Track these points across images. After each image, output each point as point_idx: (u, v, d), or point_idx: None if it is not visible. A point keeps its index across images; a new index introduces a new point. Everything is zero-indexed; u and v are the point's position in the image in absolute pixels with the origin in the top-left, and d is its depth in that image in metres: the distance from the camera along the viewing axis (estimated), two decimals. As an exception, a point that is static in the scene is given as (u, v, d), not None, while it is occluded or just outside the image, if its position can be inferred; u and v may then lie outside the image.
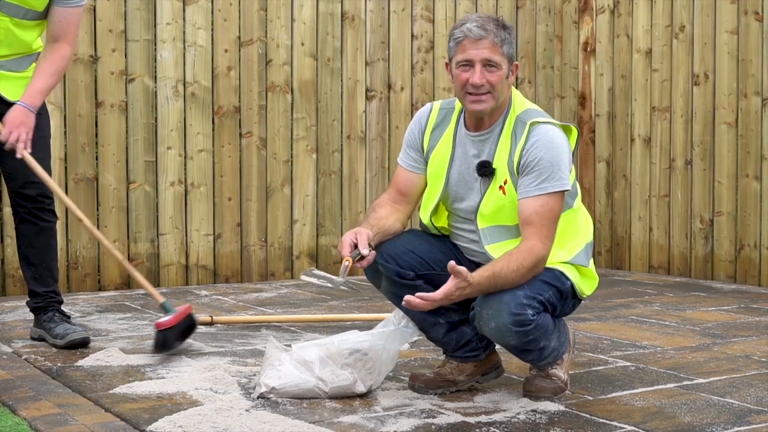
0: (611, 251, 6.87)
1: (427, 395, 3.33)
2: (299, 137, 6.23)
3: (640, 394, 3.36)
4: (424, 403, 3.24)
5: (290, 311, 5.04)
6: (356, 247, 3.11)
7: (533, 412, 3.13)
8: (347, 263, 3.09)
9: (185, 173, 5.92)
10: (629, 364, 3.81)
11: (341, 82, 6.37)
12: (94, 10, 5.62)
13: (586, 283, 3.35)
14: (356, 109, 6.40)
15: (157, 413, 3.07)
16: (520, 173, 3.19)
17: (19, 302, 5.20)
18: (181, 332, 3.88)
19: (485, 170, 3.24)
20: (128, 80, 5.76)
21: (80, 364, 3.77)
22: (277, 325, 4.61)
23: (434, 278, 3.30)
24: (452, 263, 2.98)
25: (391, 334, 3.29)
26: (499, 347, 3.36)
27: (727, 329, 4.55)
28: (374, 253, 3.16)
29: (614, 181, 6.83)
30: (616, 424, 3.01)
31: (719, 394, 3.36)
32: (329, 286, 3.16)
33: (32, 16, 4.02)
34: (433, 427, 2.98)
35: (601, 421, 3.04)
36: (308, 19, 6.23)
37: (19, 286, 5.49)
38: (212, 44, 5.99)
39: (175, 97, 5.87)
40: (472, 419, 3.05)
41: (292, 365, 3.27)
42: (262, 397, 3.25)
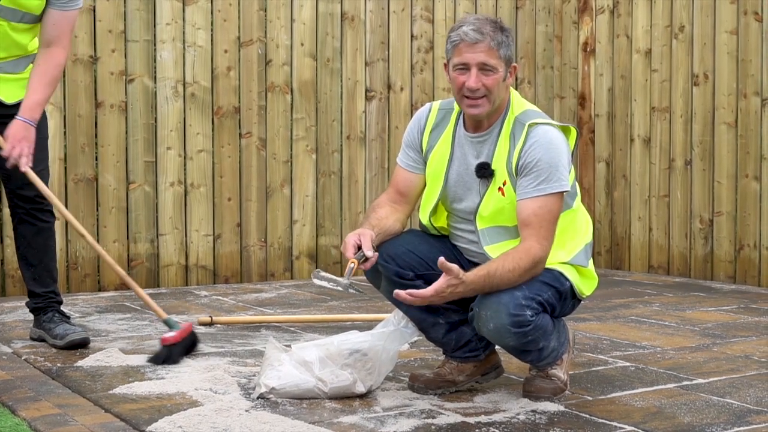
0: (611, 251, 6.87)
1: (426, 395, 3.33)
2: (299, 137, 6.23)
3: (639, 394, 3.36)
4: (423, 403, 3.24)
5: (290, 312, 5.04)
6: (360, 248, 3.11)
7: (533, 412, 3.13)
8: (352, 265, 3.09)
9: (185, 173, 5.92)
10: (629, 364, 3.82)
11: (341, 82, 6.37)
12: (93, 10, 5.62)
13: (585, 283, 3.35)
14: (356, 109, 6.40)
15: (156, 413, 3.07)
16: (518, 174, 3.19)
17: (19, 302, 5.20)
18: (185, 348, 3.87)
19: (484, 172, 3.24)
20: (128, 80, 5.76)
21: (80, 364, 3.77)
22: (276, 325, 4.61)
23: (434, 278, 3.29)
24: (442, 259, 2.98)
25: (390, 334, 3.29)
26: (498, 347, 3.36)
27: (726, 329, 4.55)
28: (377, 254, 3.16)
29: (614, 181, 6.84)
30: (615, 424, 3.01)
31: (719, 394, 3.36)
32: (339, 289, 3.16)
33: (29, 19, 4.01)
34: (432, 427, 2.98)
35: (600, 421, 3.04)
36: (308, 19, 6.23)
37: (18, 286, 5.49)
38: (212, 44, 5.99)
39: (174, 97, 5.87)
40: (471, 419, 3.05)
41: (291, 365, 3.27)
42: (261, 397, 3.25)
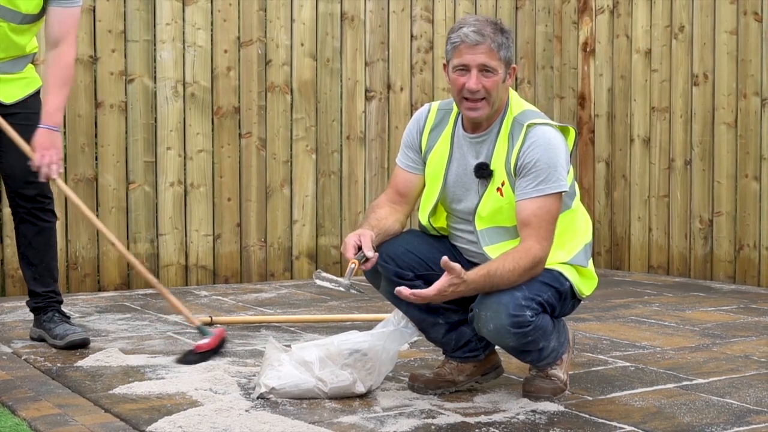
0: (611, 251, 6.87)
1: (426, 395, 3.33)
2: (299, 137, 6.23)
3: (639, 394, 3.36)
4: (423, 403, 3.24)
5: (290, 312, 5.04)
6: (360, 249, 3.11)
7: (533, 412, 3.13)
8: (353, 266, 3.09)
9: (185, 174, 5.92)
10: (629, 364, 3.82)
11: (341, 82, 6.37)
12: (93, 10, 5.62)
13: (585, 283, 3.35)
14: (356, 109, 6.40)
15: (156, 413, 3.07)
16: (517, 175, 3.19)
17: (18, 302, 5.20)
18: (215, 354, 3.86)
19: (483, 172, 3.24)
20: (128, 81, 5.76)
21: (80, 364, 3.77)
22: (276, 325, 4.61)
23: (433, 279, 3.29)
24: (445, 259, 2.98)
25: (390, 334, 3.29)
26: (498, 347, 3.36)
27: (726, 329, 4.55)
28: (377, 254, 3.16)
29: (614, 181, 6.84)
30: (615, 424, 3.01)
31: (719, 394, 3.36)
32: (341, 289, 3.16)
33: (29, 20, 4.01)
34: (432, 427, 2.98)
35: (600, 421, 3.04)
36: (308, 19, 6.23)
37: (18, 286, 5.49)
38: (212, 45, 5.99)
39: (174, 97, 5.87)
40: (471, 419, 3.05)
41: (291, 365, 3.27)
42: (261, 397, 3.25)
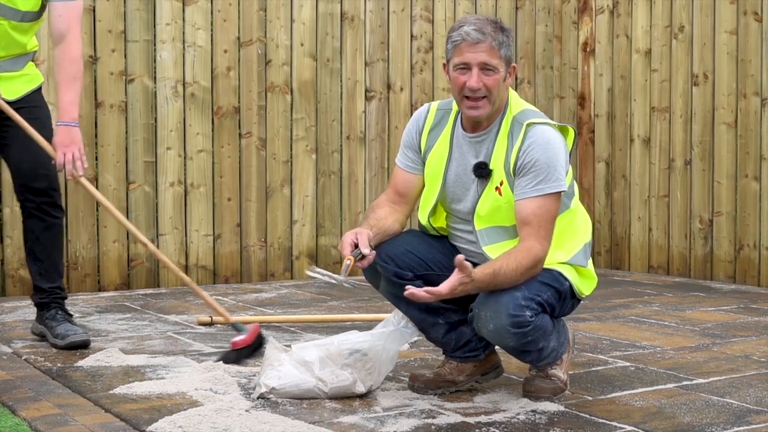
0: (611, 251, 6.87)
1: (426, 395, 3.33)
2: (299, 137, 6.23)
3: (639, 394, 3.36)
4: (423, 403, 3.24)
5: (290, 312, 5.04)
6: (357, 246, 3.12)
7: (533, 412, 3.13)
8: (348, 262, 3.09)
9: (185, 174, 5.92)
10: (629, 364, 3.82)
11: (341, 82, 6.37)
12: (93, 10, 5.62)
13: (584, 283, 3.35)
14: (356, 109, 6.40)
15: (156, 413, 3.07)
16: (516, 174, 3.19)
17: (18, 303, 5.20)
18: (253, 350, 3.86)
19: (482, 171, 3.24)
20: (128, 81, 5.76)
21: (80, 364, 3.77)
22: (276, 325, 4.61)
23: (433, 279, 3.30)
24: (461, 257, 2.97)
25: (390, 334, 3.29)
26: (498, 347, 3.36)
27: (726, 329, 4.55)
28: (374, 252, 3.16)
29: (613, 181, 6.84)
30: (615, 424, 3.01)
31: (719, 394, 3.36)
32: (333, 282, 3.18)
33: (29, 18, 4.02)
34: (432, 427, 2.98)
35: (600, 421, 3.04)
36: (308, 19, 6.23)
37: (18, 286, 5.49)
38: (212, 45, 5.99)
39: (174, 97, 5.87)
40: (471, 419, 3.05)
41: (291, 365, 3.27)
42: (261, 397, 3.25)
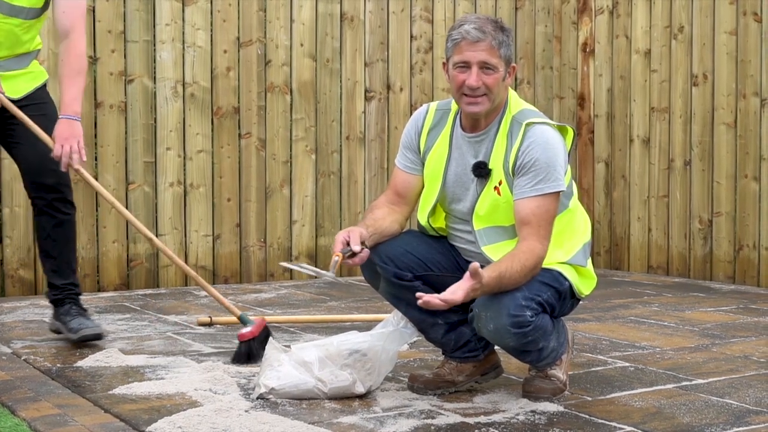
0: (610, 252, 6.87)
1: (426, 396, 3.33)
2: (298, 138, 6.23)
3: (639, 394, 3.36)
4: (423, 403, 3.24)
5: (289, 312, 5.04)
6: (348, 244, 3.12)
7: (532, 412, 3.13)
8: (336, 258, 3.09)
9: (184, 174, 5.92)
10: (628, 364, 3.82)
11: (340, 82, 6.37)
12: (93, 10, 5.62)
13: (584, 283, 3.35)
14: (355, 109, 6.40)
15: (156, 414, 3.07)
16: (515, 174, 3.19)
17: (18, 303, 5.20)
18: (261, 342, 3.85)
19: (481, 171, 3.24)
20: (127, 81, 5.76)
21: (79, 364, 3.77)
22: (276, 325, 4.60)
23: (432, 279, 3.31)
24: (476, 265, 2.94)
25: (390, 334, 3.30)
26: (497, 348, 3.36)
27: (726, 330, 4.55)
28: (367, 251, 3.15)
29: (613, 181, 6.84)
30: (615, 424, 3.01)
31: (718, 394, 3.36)
32: (311, 273, 3.18)
33: (33, 14, 4.03)
34: (432, 427, 2.98)
35: (600, 421, 3.04)
36: (307, 19, 6.23)
37: (18, 286, 5.49)
38: (211, 45, 5.99)
39: (174, 97, 5.87)
40: (471, 420, 3.05)
41: (291, 366, 3.27)
42: (261, 397, 3.25)
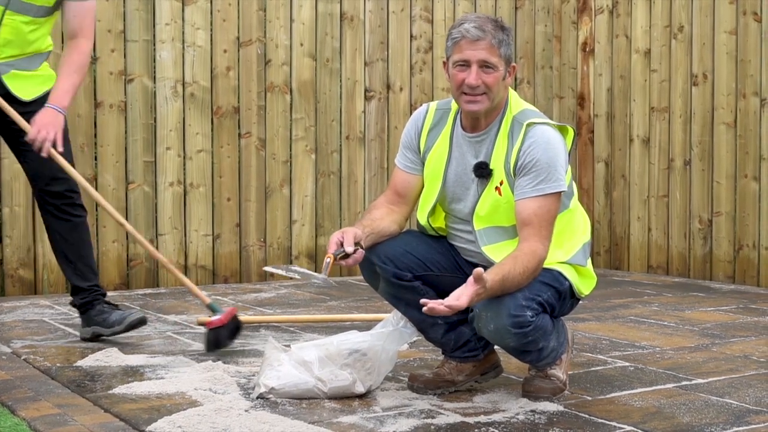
0: (610, 251, 6.87)
1: (426, 395, 3.33)
2: (298, 137, 6.23)
3: (638, 394, 3.36)
4: (423, 403, 3.24)
5: (289, 312, 5.04)
6: (342, 245, 3.11)
7: (532, 412, 3.13)
8: (328, 260, 3.08)
9: (184, 174, 5.92)
10: (628, 364, 3.82)
11: (340, 82, 6.37)
12: (93, 10, 5.62)
13: (584, 282, 3.35)
14: (355, 109, 6.40)
15: (156, 413, 3.07)
16: (516, 174, 3.19)
17: (18, 302, 5.20)
18: (231, 331, 3.86)
19: (482, 171, 3.23)
20: (127, 80, 5.76)
21: (79, 364, 3.77)
22: (276, 325, 4.60)
23: (432, 279, 3.31)
24: (480, 270, 2.92)
25: (390, 334, 3.29)
26: (497, 347, 3.36)
27: (725, 329, 4.55)
28: (362, 251, 3.13)
29: (613, 181, 6.84)
30: (614, 424, 3.01)
31: (718, 394, 3.36)
32: (297, 278, 3.16)
33: (43, 12, 4.03)
34: (432, 427, 2.98)
35: (599, 421, 3.04)
36: (307, 19, 6.23)
37: (18, 286, 5.49)
38: (211, 44, 5.99)
39: (174, 97, 5.87)
40: (471, 419, 3.05)
41: (291, 365, 3.27)
42: (261, 397, 3.25)
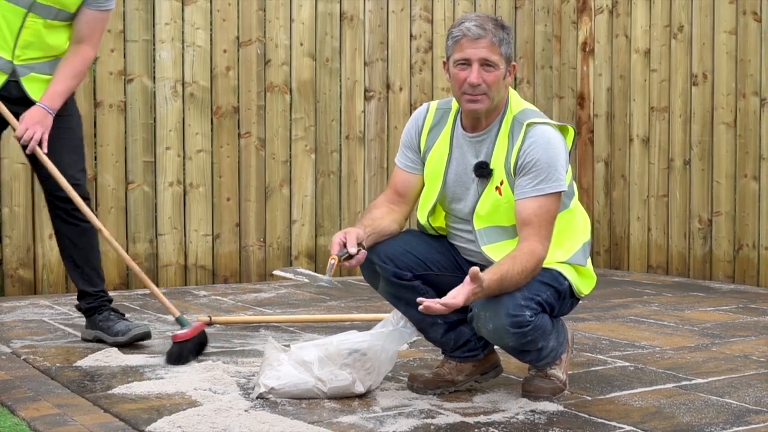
0: (610, 251, 6.87)
1: (425, 395, 3.33)
2: (298, 137, 6.23)
3: (638, 394, 3.36)
4: (422, 403, 3.24)
5: (289, 311, 5.04)
6: (345, 246, 3.11)
7: (532, 412, 3.13)
8: (333, 261, 3.08)
9: (184, 173, 5.92)
10: (628, 364, 3.82)
11: (340, 82, 6.36)
12: (92, 10, 5.62)
13: (583, 282, 3.35)
14: (355, 109, 6.40)
15: (156, 413, 3.07)
16: (517, 174, 3.19)
17: (17, 302, 5.20)
18: (196, 346, 3.87)
19: (482, 171, 3.23)
20: (127, 80, 5.76)
21: (79, 364, 3.77)
22: (275, 325, 4.61)
23: (432, 279, 3.30)
24: (476, 270, 2.93)
25: (389, 334, 3.29)
26: (497, 347, 3.36)
27: (725, 329, 4.55)
28: (364, 252, 3.14)
29: (613, 181, 6.84)
30: (614, 424, 3.01)
31: (718, 394, 3.36)
32: (305, 281, 3.16)
33: (63, 16, 4.00)
34: (432, 427, 2.98)
35: (599, 421, 3.04)
36: (307, 19, 6.23)
37: (17, 286, 5.49)
38: (211, 44, 5.99)
39: (173, 97, 5.87)
40: (471, 419, 3.05)
41: (291, 365, 3.27)
42: (261, 397, 3.25)
